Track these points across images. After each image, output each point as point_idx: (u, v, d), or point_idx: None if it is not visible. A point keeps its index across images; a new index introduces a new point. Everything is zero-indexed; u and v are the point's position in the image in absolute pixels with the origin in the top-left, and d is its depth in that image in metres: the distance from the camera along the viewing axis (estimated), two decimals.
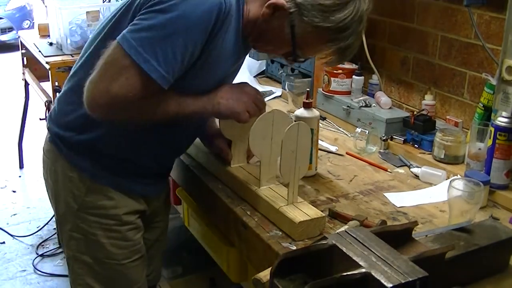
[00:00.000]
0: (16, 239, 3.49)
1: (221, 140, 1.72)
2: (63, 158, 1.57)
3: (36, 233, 3.52)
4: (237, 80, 2.51)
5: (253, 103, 1.55)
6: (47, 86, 3.37)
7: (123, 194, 1.60)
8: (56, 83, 3.11)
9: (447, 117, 2.08)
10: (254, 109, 1.54)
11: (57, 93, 1.87)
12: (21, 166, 4.43)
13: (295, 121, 1.50)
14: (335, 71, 2.27)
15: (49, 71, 3.15)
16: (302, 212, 1.42)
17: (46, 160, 1.64)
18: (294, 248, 1.36)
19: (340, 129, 2.20)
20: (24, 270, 3.18)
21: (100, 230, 1.59)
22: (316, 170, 1.79)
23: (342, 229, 1.48)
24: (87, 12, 3.27)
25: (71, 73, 1.58)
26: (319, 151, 1.99)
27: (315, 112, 1.79)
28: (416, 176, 1.81)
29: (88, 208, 1.58)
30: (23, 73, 4.02)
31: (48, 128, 1.62)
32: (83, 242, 1.61)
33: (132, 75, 1.32)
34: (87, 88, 1.36)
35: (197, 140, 1.87)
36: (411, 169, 1.84)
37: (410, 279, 1.03)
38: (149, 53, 1.31)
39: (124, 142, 1.54)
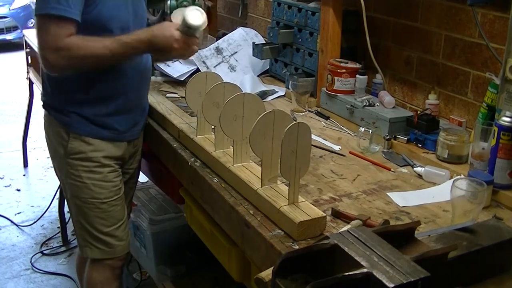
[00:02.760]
0: (20, 237, 3.51)
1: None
2: (53, 118, 1.98)
3: (40, 232, 3.53)
4: (240, 79, 2.51)
5: (183, 42, 1.88)
6: None
7: (101, 140, 1.96)
8: None
9: (451, 116, 2.08)
10: (183, 45, 1.88)
11: None
12: (25, 164, 4.44)
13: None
14: (338, 70, 2.27)
15: None
16: (303, 212, 1.42)
17: (45, 124, 2.04)
18: (297, 247, 1.36)
19: (344, 128, 2.20)
20: (28, 269, 3.19)
21: (83, 172, 1.96)
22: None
23: (345, 228, 1.48)
24: None
25: None
26: (322, 150, 1.99)
27: None
28: (420, 176, 1.80)
29: (72, 154, 1.95)
30: (28, 72, 4.03)
31: (41, 99, 2.05)
32: (73, 186, 1.98)
33: (44, 25, 1.74)
34: (39, 57, 1.77)
35: (199, 139, 1.88)
36: (414, 169, 1.84)
37: (412, 279, 1.02)
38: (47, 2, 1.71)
39: (84, 86, 1.92)
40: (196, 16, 1.86)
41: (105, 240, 2.03)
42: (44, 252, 3.34)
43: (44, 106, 2.04)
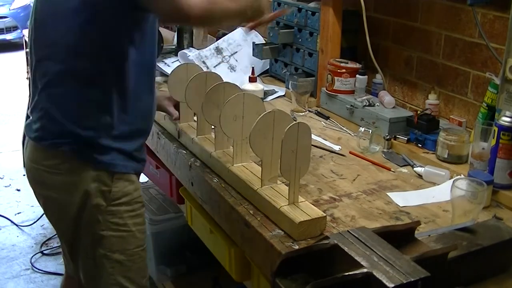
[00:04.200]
0: (20, 237, 3.51)
1: (167, 102, 1.99)
2: (87, 163, 1.57)
3: (40, 232, 3.53)
4: (239, 79, 2.52)
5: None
6: None
7: (136, 175, 1.71)
8: None
9: (451, 116, 2.08)
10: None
11: None
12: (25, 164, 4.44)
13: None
14: (338, 70, 2.27)
15: None
16: (303, 212, 1.42)
17: (57, 174, 1.59)
18: (297, 247, 1.36)
19: (344, 128, 2.20)
20: (28, 269, 3.19)
21: (129, 218, 1.65)
22: None
23: None
24: None
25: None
26: (322, 150, 1.99)
27: (259, 86, 2.43)
28: (420, 176, 1.80)
29: (117, 199, 1.62)
30: (28, 72, 4.03)
31: (55, 139, 1.57)
32: (116, 238, 1.64)
33: None
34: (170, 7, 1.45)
35: (199, 139, 1.88)
36: (414, 169, 1.84)
37: (412, 279, 1.03)
38: None
39: (130, 111, 1.62)
40: None
41: None
42: (44, 252, 3.34)
43: (56, 144, 1.57)
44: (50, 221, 1.78)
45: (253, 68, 2.55)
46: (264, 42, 2.82)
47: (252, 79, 2.49)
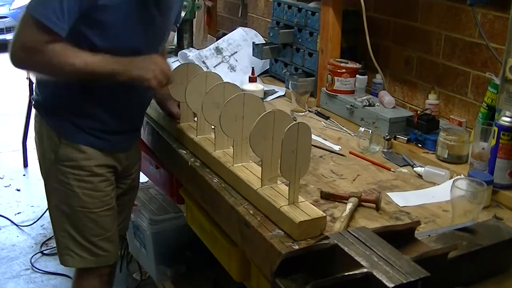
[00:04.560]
0: (20, 237, 3.50)
1: (171, 102, 2.07)
2: (44, 121, 1.86)
3: (40, 232, 3.53)
4: (239, 79, 2.52)
5: (161, 71, 1.74)
6: None
7: (94, 149, 1.85)
8: None
9: (451, 116, 2.08)
10: (161, 77, 1.74)
11: None
12: (26, 164, 4.44)
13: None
14: (338, 70, 2.27)
15: None
16: (303, 212, 1.42)
17: (35, 124, 1.93)
18: (297, 247, 1.36)
19: (344, 128, 2.20)
20: (28, 269, 3.19)
21: (74, 180, 1.85)
22: None
23: (347, 211, 1.50)
24: None
25: None
26: (322, 150, 1.99)
27: (259, 86, 2.46)
28: (419, 176, 1.80)
29: (63, 160, 1.84)
30: (28, 72, 4.03)
31: (33, 98, 1.94)
32: (62, 193, 1.87)
33: (30, 25, 1.63)
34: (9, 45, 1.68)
35: (199, 139, 1.88)
36: (414, 169, 1.84)
37: (412, 279, 1.03)
38: (44, 7, 1.60)
39: (81, 99, 1.81)
40: None
41: (90, 249, 1.92)
42: (44, 252, 3.34)
43: (35, 106, 1.92)
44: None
45: (253, 68, 2.55)
46: (264, 42, 2.82)
47: (252, 79, 2.49)
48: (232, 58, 2.81)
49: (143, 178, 2.55)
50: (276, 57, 2.72)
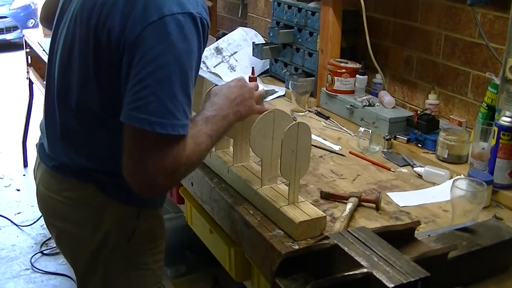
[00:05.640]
0: (20, 237, 3.51)
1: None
2: (110, 197, 1.43)
3: (40, 232, 3.53)
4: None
5: (256, 94, 1.53)
6: None
7: (161, 208, 1.57)
8: None
9: (451, 116, 2.08)
10: (258, 98, 1.54)
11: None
12: (25, 164, 4.44)
13: None
14: (338, 70, 2.27)
15: None
16: (303, 212, 1.42)
17: (79, 208, 1.45)
18: (297, 247, 1.36)
19: (344, 128, 2.20)
20: (28, 269, 3.19)
21: (150, 256, 1.52)
22: None
23: (347, 210, 1.49)
24: None
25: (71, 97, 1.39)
26: (322, 150, 1.99)
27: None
28: (419, 176, 1.80)
29: (140, 236, 1.48)
30: (28, 72, 4.04)
31: (83, 171, 1.42)
32: (134, 277, 1.51)
33: (172, 145, 1.23)
34: (134, 178, 1.25)
35: None
36: (414, 169, 1.84)
37: (412, 279, 1.03)
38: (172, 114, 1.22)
39: None
40: None
41: None
42: (44, 252, 3.34)
43: (84, 175, 1.42)
44: (63, 252, 1.64)
45: (253, 68, 2.55)
46: (264, 42, 2.82)
47: (252, 79, 2.49)
48: (232, 58, 2.81)
49: None
50: (276, 57, 2.73)
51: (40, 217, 3.59)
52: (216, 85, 1.59)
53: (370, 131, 1.98)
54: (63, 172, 1.45)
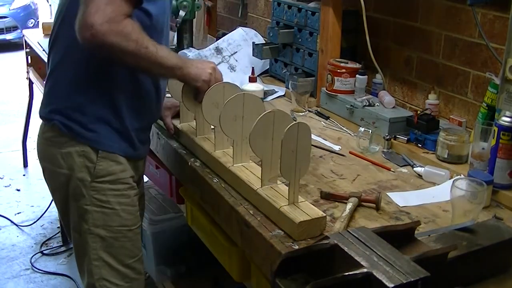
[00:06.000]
0: (20, 237, 3.51)
1: (165, 112, 2.00)
2: (74, 135, 1.67)
3: (40, 232, 3.53)
4: (239, 79, 2.52)
5: (215, 77, 1.76)
6: None
7: (127, 158, 1.74)
8: None
9: (451, 116, 2.08)
10: (213, 82, 1.74)
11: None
12: (25, 164, 4.45)
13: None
14: (338, 70, 2.27)
15: None
16: (303, 212, 1.42)
17: (48, 148, 1.73)
18: (297, 247, 1.36)
19: (344, 128, 2.20)
20: (28, 269, 3.19)
21: (113, 197, 1.71)
22: None
23: (347, 210, 1.50)
24: None
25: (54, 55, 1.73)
26: (322, 150, 1.99)
27: (259, 86, 2.46)
28: (419, 176, 1.80)
29: (101, 176, 1.69)
30: (28, 72, 4.04)
31: (50, 114, 1.71)
32: (98, 214, 1.71)
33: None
34: (81, 17, 1.47)
35: (199, 139, 1.88)
36: (414, 169, 1.84)
37: (412, 279, 1.03)
38: None
39: (119, 97, 1.68)
40: None
41: (126, 274, 1.78)
42: (44, 252, 3.34)
43: (50, 119, 1.71)
44: (49, 190, 1.84)
45: (253, 68, 2.55)
46: (264, 42, 2.82)
47: (252, 79, 2.49)
48: (232, 58, 2.81)
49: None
50: (276, 57, 2.72)
51: (40, 217, 3.60)
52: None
53: (370, 131, 1.98)
54: (40, 117, 1.77)
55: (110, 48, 1.50)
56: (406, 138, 1.99)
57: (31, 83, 4.07)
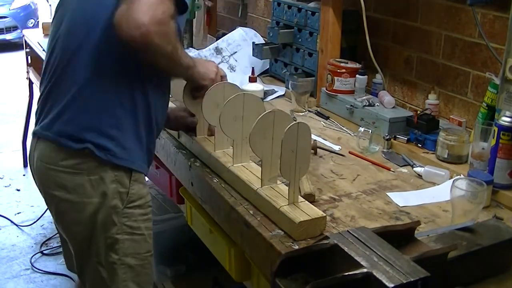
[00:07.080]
0: (20, 237, 3.51)
1: (182, 115, 1.93)
2: (108, 160, 1.52)
3: (40, 232, 3.53)
4: (239, 79, 2.52)
5: (221, 76, 1.79)
6: None
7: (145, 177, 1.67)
8: None
9: (451, 116, 2.08)
10: (218, 81, 1.76)
11: None
12: (25, 164, 4.44)
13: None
14: (338, 70, 2.27)
15: None
16: (303, 212, 1.42)
17: (76, 175, 1.53)
18: (297, 247, 1.36)
19: (343, 128, 2.20)
20: (28, 269, 3.19)
21: (142, 222, 1.61)
22: None
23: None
24: None
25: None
26: (322, 150, 1.99)
27: (259, 86, 2.48)
28: (419, 176, 1.80)
29: (133, 201, 1.58)
30: (28, 72, 4.04)
31: (80, 133, 1.52)
32: (129, 242, 1.59)
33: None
34: (126, 14, 1.38)
35: (199, 139, 1.88)
36: (414, 169, 1.84)
37: (412, 279, 1.03)
38: None
39: (144, 114, 1.58)
40: None
41: None
42: (44, 252, 3.34)
43: (79, 139, 1.51)
44: (62, 224, 1.66)
45: (253, 68, 2.55)
46: (264, 42, 2.82)
47: (252, 79, 2.49)
48: (232, 58, 2.81)
49: None
50: (276, 57, 2.73)
51: (40, 217, 3.60)
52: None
53: (370, 131, 1.98)
54: (59, 142, 1.54)
55: (154, 48, 1.43)
56: (406, 138, 1.99)
57: (31, 83, 4.07)
